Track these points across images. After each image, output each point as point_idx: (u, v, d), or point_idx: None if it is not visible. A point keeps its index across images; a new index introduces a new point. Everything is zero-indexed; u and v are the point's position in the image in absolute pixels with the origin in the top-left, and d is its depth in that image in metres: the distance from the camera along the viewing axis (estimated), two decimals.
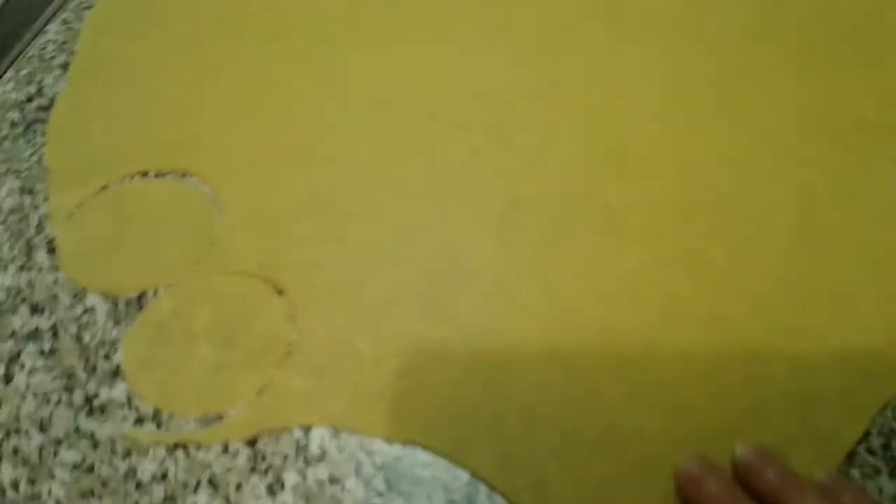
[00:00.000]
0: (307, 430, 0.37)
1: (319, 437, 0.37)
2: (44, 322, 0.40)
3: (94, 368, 0.39)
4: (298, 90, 0.50)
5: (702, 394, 0.37)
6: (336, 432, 0.37)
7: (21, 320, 0.40)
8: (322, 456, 0.36)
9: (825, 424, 0.35)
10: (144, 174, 0.46)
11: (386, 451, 0.36)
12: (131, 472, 0.36)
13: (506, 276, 0.41)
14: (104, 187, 0.45)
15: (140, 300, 0.41)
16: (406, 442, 0.36)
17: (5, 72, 0.52)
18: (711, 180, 0.45)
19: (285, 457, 0.36)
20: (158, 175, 0.46)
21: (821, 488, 0.32)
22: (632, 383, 0.38)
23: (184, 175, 0.46)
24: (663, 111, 0.48)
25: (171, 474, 0.36)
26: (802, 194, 0.44)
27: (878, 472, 0.35)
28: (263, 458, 0.36)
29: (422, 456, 0.36)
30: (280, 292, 0.41)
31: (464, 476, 0.35)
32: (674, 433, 0.36)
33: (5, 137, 0.48)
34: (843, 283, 0.41)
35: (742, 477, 0.33)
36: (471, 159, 0.46)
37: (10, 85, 0.51)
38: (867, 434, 0.36)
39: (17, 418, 0.37)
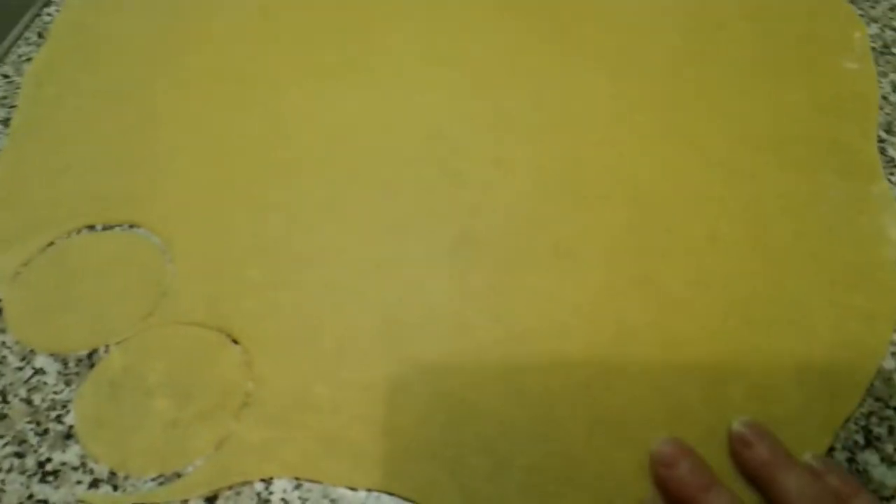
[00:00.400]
0: (268, 482, 0.36)
1: (281, 489, 0.36)
2: None
3: (45, 432, 0.38)
4: (244, 134, 0.49)
5: (660, 420, 0.37)
6: (298, 483, 0.36)
7: None
8: None
9: (789, 444, 0.35)
10: (91, 228, 0.45)
11: (350, 498, 0.36)
12: None
13: (461, 312, 0.41)
14: (50, 244, 0.44)
15: (91, 358, 0.40)
16: (370, 488, 0.36)
17: None
18: (663, 204, 0.45)
19: None
20: (106, 228, 0.45)
21: (808, 468, 0.33)
22: (591, 413, 0.38)
23: (132, 226, 0.45)
24: (612, 136, 0.48)
25: None
26: (754, 212, 0.44)
27: None
28: None
29: (387, 501, 0.35)
30: (235, 341, 0.41)
31: None
32: (636, 460, 0.36)
33: None
34: (799, 299, 0.41)
35: (734, 448, 0.34)
36: (424, 195, 0.46)
37: None
38: (831, 449, 0.36)
39: None
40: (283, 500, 0.36)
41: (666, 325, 0.40)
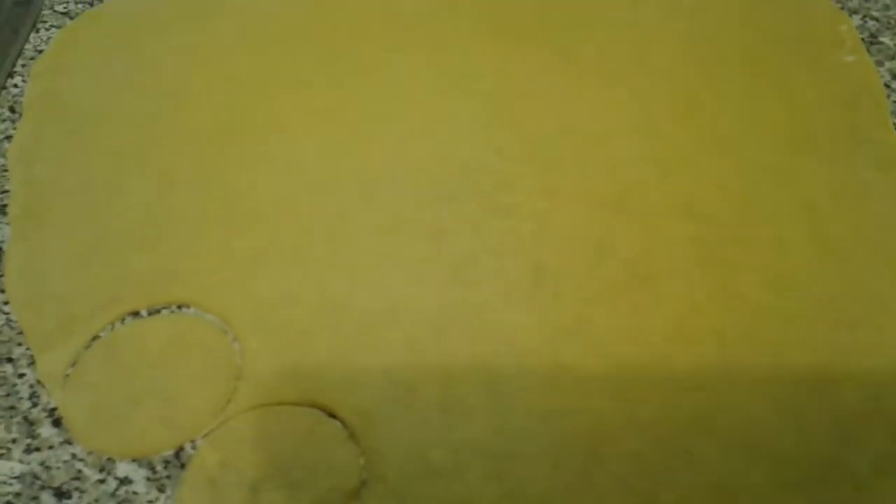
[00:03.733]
0: None
1: None
2: None
3: None
4: (271, 191, 0.47)
5: (789, 431, 0.37)
6: None
7: None
8: None
9: None
10: (135, 314, 0.42)
11: None
12: None
13: (558, 352, 0.40)
14: (94, 338, 0.41)
15: (179, 457, 0.37)
16: None
17: None
18: (720, 213, 0.45)
19: None
20: (151, 312, 0.42)
21: None
22: (720, 437, 0.37)
23: (180, 307, 0.42)
24: (649, 151, 0.48)
25: None
26: (810, 212, 0.45)
27: None
28: None
29: None
30: (331, 415, 0.38)
31: None
32: (777, 480, 0.36)
33: None
34: (877, 294, 0.42)
35: None
36: (480, 234, 0.45)
37: None
38: None
39: None
40: None
41: (761, 334, 0.40)
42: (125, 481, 0.36)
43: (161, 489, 0.36)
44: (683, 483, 0.36)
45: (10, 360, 0.40)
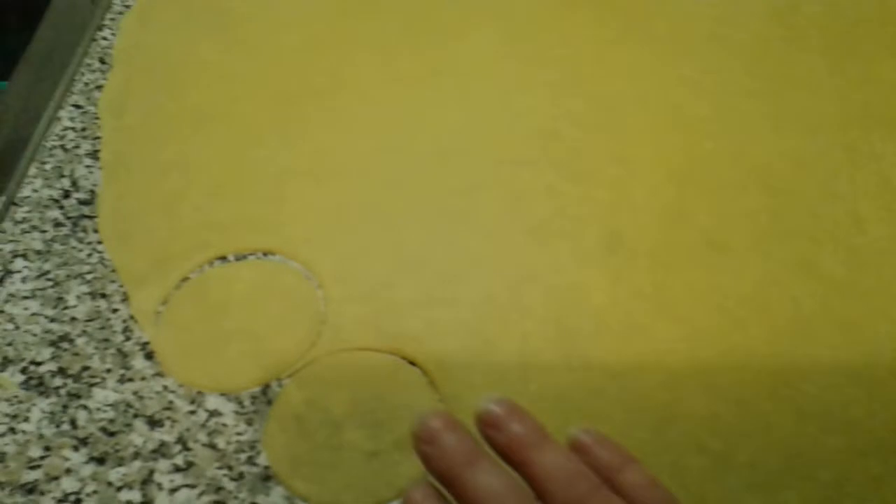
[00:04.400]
0: None
1: None
2: (167, 435, 0.37)
3: (240, 476, 0.36)
4: (351, 149, 0.48)
5: (861, 400, 0.38)
6: None
7: (141, 437, 0.37)
8: None
9: None
10: (223, 259, 0.43)
11: None
12: None
13: (632, 313, 0.41)
14: (184, 279, 0.42)
15: (265, 394, 0.38)
16: None
17: (28, 168, 0.48)
18: (797, 188, 0.46)
19: None
20: (238, 258, 0.43)
21: (574, 442, 0.29)
22: (792, 405, 0.38)
23: (266, 254, 0.43)
24: (726, 125, 0.49)
25: None
26: (885, 189, 0.45)
27: None
28: None
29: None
30: (411, 362, 0.39)
31: None
32: (850, 446, 0.37)
33: (53, 240, 0.44)
34: None
35: (484, 431, 0.28)
36: (556, 199, 0.45)
37: (39, 182, 0.47)
38: None
39: None
40: None
41: (838, 309, 0.41)
42: (215, 413, 0.38)
43: (249, 423, 0.37)
44: (758, 446, 0.36)
45: (104, 295, 0.42)
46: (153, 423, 0.37)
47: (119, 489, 0.35)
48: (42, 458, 0.36)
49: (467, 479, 0.26)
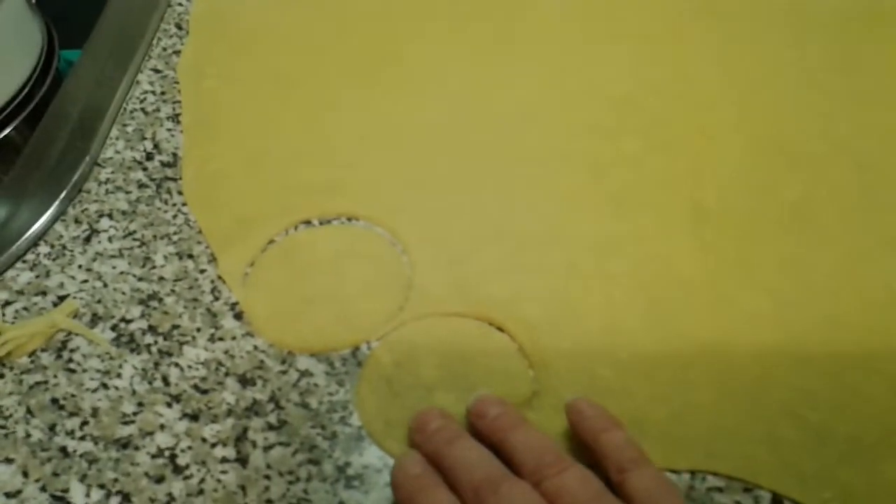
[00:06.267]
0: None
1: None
2: (260, 393, 0.37)
3: (334, 435, 0.36)
4: (425, 118, 0.48)
5: None
6: None
7: (234, 395, 0.37)
8: None
9: None
10: (307, 223, 0.43)
11: (675, 481, 0.35)
12: None
13: (721, 285, 0.41)
14: (270, 242, 0.42)
15: (355, 356, 0.38)
16: (693, 469, 0.35)
17: (110, 129, 0.48)
18: (881, 164, 0.45)
19: None
20: (323, 222, 0.43)
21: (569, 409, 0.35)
22: (887, 379, 0.37)
23: (350, 219, 0.44)
24: (808, 99, 0.48)
25: None
26: None
27: None
28: None
29: (713, 482, 0.35)
30: (499, 328, 0.39)
31: (766, 497, 0.34)
32: None
33: (138, 201, 0.44)
34: None
35: (472, 421, 0.35)
36: (639, 169, 0.45)
37: (121, 143, 0.47)
38: None
39: (270, 501, 0.34)
40: None
41: None
42: (306, 374, 0.38)
43: (340, 384, 0.38)
44: (854, 418, 0.36)
45: (191, 256, 0.42)
46: (245, 381, 0.38)
47: (213, 445, 0.36)
48: (135, 413, 0.37)
49: (446, 454, 0.32)
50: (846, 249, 0.41)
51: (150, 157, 0.47)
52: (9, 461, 0.35)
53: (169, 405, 0.37)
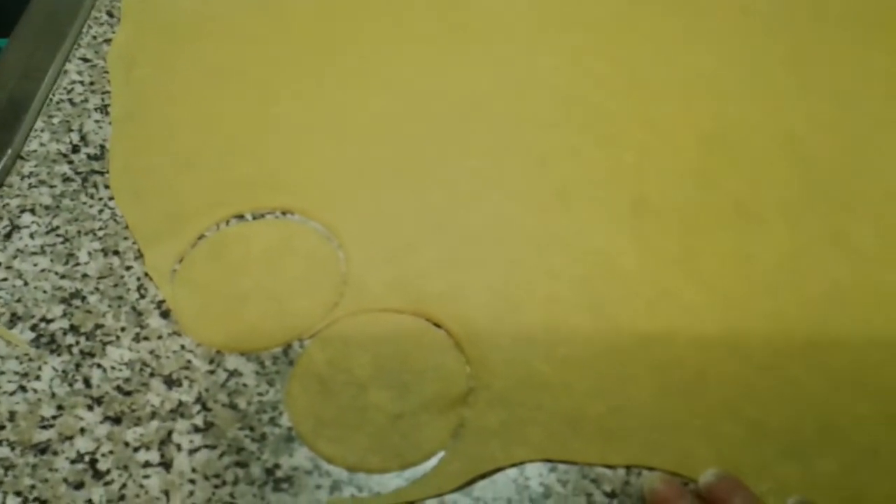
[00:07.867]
0: (521, 467, 0.34)
1: (537, 473, 0.34)
2: (186, 395, 0.36)
3: (263, 436, 0.35)
4: (369, 109, 0.47)
5: (892, 361, 0.37)
6: (553, 466, 0.34)
7: (158, 397, 0.36)
8: (548, 493, 0.34)
9: None
10: (240, 217, 0.42)
11: (610, 476, 0.34)
12: None
13: (661, 278, 0.40)
14: (200, 237, 0.41)
15: (287, 354, 0.37)
16: (629, 464, 0.34)
17: (35, 121, 0.46)
18: (824, 157, 0.45)
19: (508, 500, 0.33)
20: (256, 217, 0.42)
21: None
22: (827, 373, 0.37)
23: (285, 213, 0.42)
24: (755, 92, 0.48)
25: None
26: None
27: None
28: None
29: (649, 476, 0.34)
30: (436, 324, 0.38)
31: None
32: (885, 412, 0.36)
33: (62, 195, 0.43)
34: None
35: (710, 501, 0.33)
36: (582, 162, 0.44)
37: (46, 136, 0.45)
38: None
39: None
40: (541, 484, 0.34)
41: (870, 279, 0.40)
42: (235, 373, 0.37)
43: (270, 383, 0.36)
44: (792, 413, 0.36)
45: (116, 252, 0.41)
46: (171, 382, 0.36)
47: (136, 449, 0.34)
48: (55, 417, 0.35)
49: None
50: (788, 244, 0.41)
51: (76, 149, 0.45)
52: None
53: (90, 408, 0.35)
